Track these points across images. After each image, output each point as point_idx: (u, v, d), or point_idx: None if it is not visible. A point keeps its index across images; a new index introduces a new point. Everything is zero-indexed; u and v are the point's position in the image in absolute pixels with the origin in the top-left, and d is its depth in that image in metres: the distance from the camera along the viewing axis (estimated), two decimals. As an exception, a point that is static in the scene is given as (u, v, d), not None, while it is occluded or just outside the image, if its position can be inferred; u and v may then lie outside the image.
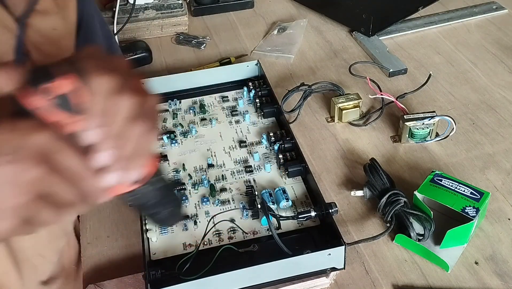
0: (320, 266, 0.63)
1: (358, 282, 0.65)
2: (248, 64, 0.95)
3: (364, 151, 0.83)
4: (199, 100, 0.92)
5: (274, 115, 0.87)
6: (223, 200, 0.73)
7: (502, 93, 0.93)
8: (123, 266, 0.68)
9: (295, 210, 0.71)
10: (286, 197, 0.71)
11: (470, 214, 0.65)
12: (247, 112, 0.88)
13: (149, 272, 0.62)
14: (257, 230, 0.69)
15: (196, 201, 0.74)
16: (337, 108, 0.87)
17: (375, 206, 0.72)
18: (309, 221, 0.69)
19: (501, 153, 0.82)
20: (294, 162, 0.76)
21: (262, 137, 0.82)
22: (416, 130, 0.82)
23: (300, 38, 1.10)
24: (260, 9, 1.22)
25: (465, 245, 0.67)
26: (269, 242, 0.66)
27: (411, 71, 1.00)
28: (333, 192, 0.77)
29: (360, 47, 1.08)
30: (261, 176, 0.77)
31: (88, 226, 0.74)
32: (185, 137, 0.84)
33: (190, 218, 0.71)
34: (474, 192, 0.68)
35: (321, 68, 1.02)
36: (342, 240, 0.62)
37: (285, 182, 0.76)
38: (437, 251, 0.66)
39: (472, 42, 1.07)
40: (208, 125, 0.86)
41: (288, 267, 0.62)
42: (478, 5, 1.18)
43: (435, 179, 0.70)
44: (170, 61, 1.07)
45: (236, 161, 0.80)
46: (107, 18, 1.11)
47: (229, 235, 0.69)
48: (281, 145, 0.79)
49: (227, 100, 0.91)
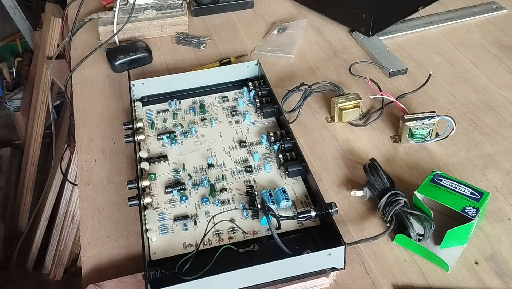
0: (320, 266, 0.63)
1: (358, 282, 0.65)
2: (248, 64, 0.95)
3: (364, 151, 0.83)
4: (199, 100, 0.92)
5: (274, 115, 0.87)
6: (223, 200, 0.73)
7: (502, 93, 0.93)
8: (123, 266, 0.68)
9: (295, 210, 0.71)
10: (286, 197, 0.71)
11: (470, 214, 0.65)
12: (247, 112, 0.88)
13: (149, 272, 0.62)
14: (257, 230, 0.69)
15: (196, 201, 0.74)
16: (337, 108, 0.87)
17: (375, 206, 0.72)
18: (309, 221, 0.69)
19: (501, 153, 0.82)
20: (294, 161, 0.76)
21: (262, 137, 0.82)
22: (416, 130, 0.82)
23: (300, 38, 1.10)
24: (260, 9, 1.22)
25: (465, 245, 0.67)
26: (269, 242, 0.67)
27: (411, 71, 1.00)
28: (333, 191, 0.77)
29: (360, 47, 1.08)
30: (261, 176, 0.77)
31: (88, 226, 0.74)
32: (185, 137, 0.84)
33: (190, 218, 0.71)
34: (474, 192, 0.68)
35: (321, 68, 1.02)
36: (342, 240, 0.62)
37: (285, 182, 0.76)
38: (437, 251, 0.66)
39: (472, 42, 1.07)
40: (208, 125, 0.86)
41: (288, 267, 0.62)
42: (478, 5, 1.18)
43: (435, 179, 0.70)
44: (170, 61, 1.07)
45: (236, 161, 0.80)
46: (107, 18, 1.12)
47: (229, 235, 0.69)
48: (281, 145, 0.79)
49: (227, 100, 0.91)
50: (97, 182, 0.80)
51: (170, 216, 0.72)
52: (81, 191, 0.80)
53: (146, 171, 0.78)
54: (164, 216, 0.72)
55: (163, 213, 0.72)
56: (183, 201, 0.73)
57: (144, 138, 0.84)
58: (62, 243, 1.72)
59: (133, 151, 0.79)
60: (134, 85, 0.91)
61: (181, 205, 0.73)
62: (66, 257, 1.75)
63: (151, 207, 0.73)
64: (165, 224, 0.71)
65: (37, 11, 2.36)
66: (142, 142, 0.83)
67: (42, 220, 1.75)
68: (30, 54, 2.33)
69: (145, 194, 0.73)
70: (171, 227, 0.70)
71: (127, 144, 0.83)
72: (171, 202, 0.74)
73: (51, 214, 1.75)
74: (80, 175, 0.82)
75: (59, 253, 1.74)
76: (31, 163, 1.91)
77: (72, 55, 1.10)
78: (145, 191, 0.74)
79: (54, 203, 1.73)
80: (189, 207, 0.73)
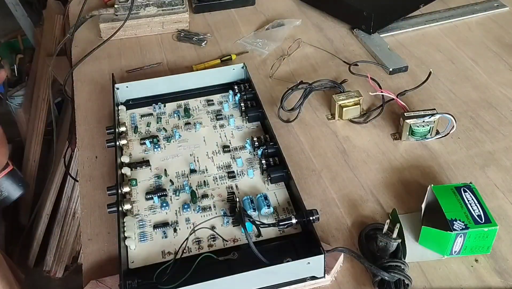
0: (300, 274, 0.63)
1: (358, 278, 0.65)
2: (234, 67, 0.94)
3: (364, 148, 0.83)
4: (184, 104, 0.91)
5: (259, 120, 0.86)
6: (204, 207, 0.72)
7: (502, 91, 0.93)
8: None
9: (277, 216, 0.70)
10: (267, 203, 0.69)
11: (454, 226, 0.63)
12: (232, 116, 0.87)
13: (125, 281, 0.61)
14: (237, 237, 0.68)
15: (177, 208, 0.73)
16: (338, 106, 0.87)
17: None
18: (291, 228, 0.68)
19: (501, 151, 0.82)
20: (276, 167, 0.75)
21: (246, 142, 0.81)
22: (417, 128, 0.82)
23: (284, 36, 1.10)
24: (261, 6, 1.22)
25: (444, 257, 0.66)
26: (249, 249, 0.64)
27: (412, 69, 1.00)
28: (333, 189, 0.77)
29: (361, 44, 1.08)
30: (244, 181, 0.76)
31: (89, 222, 0.74)
32: (168, 142, 0.83)
33: (170, 225, 0.70)
34: (484, 216, 0.64)
35: (322, 66, 1.02)
36: (321, 248, 0.61)
37: (267, 188, 0.75)
38: (416, 245, 0.67)
39: (473, 40, 1.07)
40: (192, 129, 0.85)
41: (267, 276, 0.61)
42: (479, 3, 1.17)
43: (462, 188, 0.68)
44: (170, 58, 1.07)
45: (219, 166, 0.79)
46: (108, 15, 1.12)
47: (209, 243, 0.67)
48: (265, 150, 0.77)
49: (212, 104, 0.90)
50: (98, 178, 0.81)
51: (150, 223, 0.71)
52: (82, 187, 0.80)
53: (128, 177, 0.77)
54: (144, 223, 0.71)
55: (143, 220, 0.71)
56: (164, 208, 0.72)
57: (127, 143, 0.82)
58: (63, 239, 1.73)
59: (114, 157, 0.78)
60: (118, 88, 0.90)
61: (162, 211, 0.72)
62: (67, 254, 1.76)
63: (131, 213, 0.72)
64: (145, 231, 0.70)
65: (39, 8, 2.36)
66: (125, 147, 0.82)
67: (43, 217, 1.75)
68: (31, 51, 2.33)
69: (125, 201, 0.72)
70: (150, 235, 0.69)
71: (108, 149, 0.82)
72: (151, 208, 0.73)
73: (52, 211, 1.75)
74: (81, 171, 0.82)
75: (60, 250, 1.74)
76: (32, 159, 1.92)
77: (73, 52, 1.10)
78: (126, 197, 0.73)
79: (55, 199, 1.73)
80: (169, 214, 0.72)
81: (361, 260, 0.65)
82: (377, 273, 0.62)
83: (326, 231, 0.71)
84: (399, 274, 0.62)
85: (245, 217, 0.66)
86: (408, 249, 0.66)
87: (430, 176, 0.78)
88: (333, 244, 0.69)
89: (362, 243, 0.68)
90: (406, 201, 0.74)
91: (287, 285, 0.63)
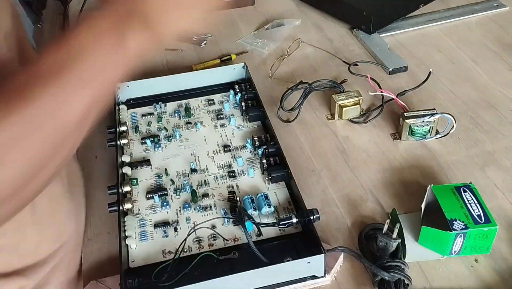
0: (300, 274, 0.63)
1: (358, 278, 0.65)
2: (235, 66, 0.94)
3: (364, 148, 0.83)
4: (184, 103, 0.91)
5: (260, 119, 0.86)
6: (204, 206, 0.72)
7: (502, 91, 0.93)
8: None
9: (278, 216, 0.70)
10: (268, 203, 0.69)
11: (453, 226, 0.63)
12: (232, 116, 0.87)
13: (125, 280, 0.61)
14: (238, 236, 0.68)
15: (177, 207, 0.72)
16: (338, 106, 0.87)
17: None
18: (291, 228, 0.68)
19: (501, 151, 0.82)
20: (277, 166, 0.75)
21: (246, 141, 0.81)
22: (416, 127, 0.82)
23: (283, 37, 1.10)
24: (261, 6, 1.22)
25: (444, 257, 0.66)
26: (250, 249, 0.64)
27: (412, 69, 1.00)
28: (332, 189, 0.77)
29: (360, 44, 1.08)
30: (245, 181, 0.76)
31: (89, 222, 0.74)
32: (169, 142, 0.83)
33: (171, 224, 0.70)
34: (483, 216, 0.64)
35: (322, 66, 1.02)
36: (322, 248, 0.61)
37: (268, 187, 0.75)
38: (416, 245, 0.66)
39: (473, 40, 1.07)
40: (193, 129, 0.85)
41: (267, 275, 0.61)
42: (479, 3, 1.18)
43: (462, 188, 0.68)
44: (170, 58, 1.07)
45: (219, 166, 0.79)
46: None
47: (209, 242, 0.67)
48: (265, 149, 0.77)
49: (213, 104, 0.90)
50: (98, 178, 0.81)
51: (150, 222, 0.71)
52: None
53: (128, 176, 0.77)
54: (144, 222, 0.71)
55: (143, 219, 0.71)
56: (164, 207, 0.72)
57: (128, 142, 0.82)
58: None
59: (114, 156, 0.78)
60: (119, 88, 0.90)
61: (162, 211, 0.72)
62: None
63: (132, 213, 0.72)
64: (145, 231, 0.70)
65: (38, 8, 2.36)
66: (126, 146, 0.82)
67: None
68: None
69: (125, 200, 0.72)
70: (151, 234, 0.69)
71: (108, 148, 0.82)
72: (152, 207, 0.73)
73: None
74: (81, 171, 0.82)
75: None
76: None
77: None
78: (126, 197, 0.73)
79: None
80: (170, 213, 0.72)
81: (361, 259, 0.65)
82: (377, 273, 0.62)
83: (326, 231, 0.71)
84: (399, 274, 0.62)
85: (245, 216, 0.66)
86: (408, 249, 0.66)
87: (430, 176, 0.78)
88: (333, 244, 0.69)
89: (362, 243, 0.68)
90: (406, 201, 0.74)
91: (287, 285, 0.63)
